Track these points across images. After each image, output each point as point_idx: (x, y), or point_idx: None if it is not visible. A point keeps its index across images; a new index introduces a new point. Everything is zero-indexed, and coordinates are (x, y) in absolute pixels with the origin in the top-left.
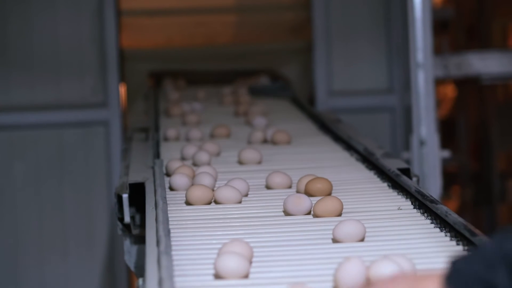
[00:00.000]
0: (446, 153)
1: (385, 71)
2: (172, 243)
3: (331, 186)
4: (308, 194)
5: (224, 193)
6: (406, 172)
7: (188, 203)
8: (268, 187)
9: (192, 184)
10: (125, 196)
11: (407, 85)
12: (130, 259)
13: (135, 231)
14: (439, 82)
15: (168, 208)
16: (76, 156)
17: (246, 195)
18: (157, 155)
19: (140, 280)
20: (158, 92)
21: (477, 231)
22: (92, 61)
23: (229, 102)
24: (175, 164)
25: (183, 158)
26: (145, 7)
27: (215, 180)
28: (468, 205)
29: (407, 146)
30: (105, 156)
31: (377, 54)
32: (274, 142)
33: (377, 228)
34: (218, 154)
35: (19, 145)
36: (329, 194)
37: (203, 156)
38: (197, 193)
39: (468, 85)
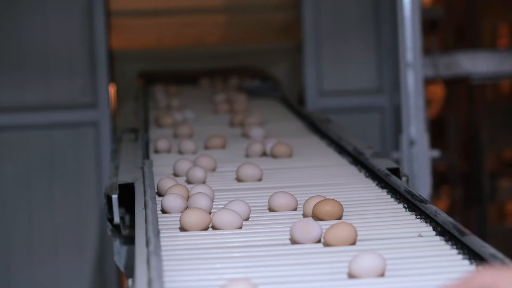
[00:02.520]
0: (435, 153)
1: (374, 70)
2: (165, 279)
3: (342, 208)
4: (316, 217)
5: (222, 217)
6: (396, 172)
7: (182, 228)
8: (271, 209)
9: (187, 207)
10: (114, 196)
11: (396, 85)
12: (119, 259)
13: (125, 232)
14: (428, 81)
15: (161, 235)
16: (66, 156)
17: (247, 218)
18: (146, 155)
19: (130, 281)
20: (147, 93)
21: (466, 230)
22: (81, 61)
23: (223, 111)
24: (167, 183)
25: (175, 175)
26: (134, 7)
27: (212, 201)
28: (457, 205)
29: (396, 146)
30: (94, 156)
31: (366, 54)
32: (274, 156)
33: (398, 260)
34: (214, 169)
35: (9, 146)
36: (340, 217)
37: (197, 173)
38: (192, 217)
39: (458, 85)
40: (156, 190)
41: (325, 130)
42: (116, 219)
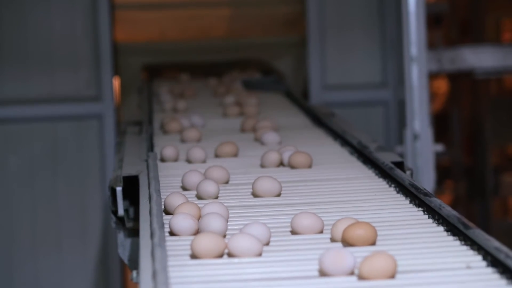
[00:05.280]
0: (439, 147)
1: (379, 65)
2: None
3: (375, 232)
4: (347, 242)
5: (240, 243)
6: (400, 165)
7: (193, 255)
8: (294, 232)
9: (198, 229)
10: (119, 189)
11: (401, 79)
12: (123, 252)
13: (129, 224)
14: (432, 76)
15: (169, 263)
16: (70, 149)
17: (267, 243)
18: (151, 148)
19: (134, 273)
20: (151, 86)
21: (471, 224)
22: (86, 54)
23: (233, 114)
24: (176, 200)
25: (184, 188)
26: (138, 0)
27: (227, 221)
28: (461, 199)
29: (400, 140)
30: (98, 149)
31: (371, 48)
32: (292, 166)
33: None
34: (226, 181)
35: (13, 139)
36: (373, 243)
37: (209, 187)
38: (205, 243)
39: (462, 79)
40: (163, 208)
41: (329, 124)
42: (121, 212)
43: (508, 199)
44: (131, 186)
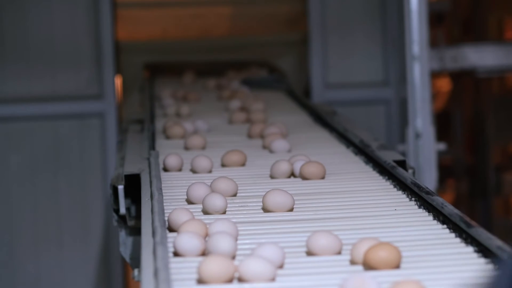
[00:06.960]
0: (441, 146)
1: (380, 63)
2: None
3: (399, 254)
4: (368, 265)
5: (251, 267)
6: (402, 164)
7: (200, 280)
8: (310, 253)
9: (205, 249)
10: (120, 187)
11: (402, 77)
12: (125, 250)
13: (131, 223)
14: (434, 75)
15: None
16: (72, 148)
17: (281, 266)
18: (152, 146)
19: (136, 271)
20: (153, 85)
21: (473, 222)
22: (87, 53)
23: (240, 121)
24: (181, 216)
25: (189, 201)
26: None
27: (236, 240)
28: (463, 198)
29: (402, 138)
30: (100, 148)
31: (372, 47)
32: (304, 177)
33: None
34: (234, 194)
35: (15, 137)
36: (397, 266)
37: (217, 201)
38: (214, 267)
39: (464, 78)
40: (167, 225)
41: (331, 122)
42: (122, 210)
43: (510, 198)
44: (133, 184)
